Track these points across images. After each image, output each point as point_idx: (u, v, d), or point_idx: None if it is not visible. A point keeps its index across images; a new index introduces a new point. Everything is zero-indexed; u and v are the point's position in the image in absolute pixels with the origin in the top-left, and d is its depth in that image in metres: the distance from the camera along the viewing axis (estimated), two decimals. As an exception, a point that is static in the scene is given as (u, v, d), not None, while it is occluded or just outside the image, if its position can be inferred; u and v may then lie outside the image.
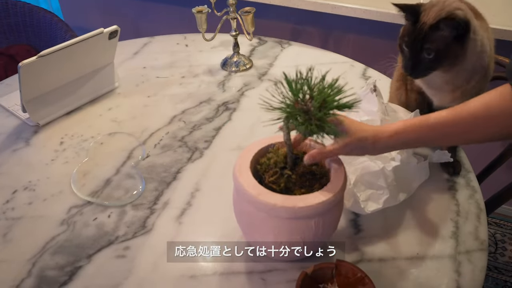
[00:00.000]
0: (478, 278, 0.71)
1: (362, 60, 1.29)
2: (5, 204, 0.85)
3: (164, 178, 0.90)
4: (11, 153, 0.98)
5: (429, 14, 0.75)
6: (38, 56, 0.96)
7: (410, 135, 0.66)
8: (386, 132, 0.66)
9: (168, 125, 1.05)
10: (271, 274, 0.71)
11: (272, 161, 0.68)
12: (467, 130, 0.66)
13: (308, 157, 0.66)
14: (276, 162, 0.68)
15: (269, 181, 0.66)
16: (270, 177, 0.66)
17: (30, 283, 0.71)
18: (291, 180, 0.66)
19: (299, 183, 0.66)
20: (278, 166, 0.67)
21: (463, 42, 0.75)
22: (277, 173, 0.67)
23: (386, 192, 0.77)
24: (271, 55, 1.34)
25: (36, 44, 1.53)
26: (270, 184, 0.65)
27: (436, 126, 0.66)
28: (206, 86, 1.20)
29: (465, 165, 0.92)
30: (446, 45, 0.75)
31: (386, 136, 0.66)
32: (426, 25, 0.75)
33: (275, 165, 0.68)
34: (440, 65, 0.78)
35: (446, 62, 0.77)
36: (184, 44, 1.40)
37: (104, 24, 1.10)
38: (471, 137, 0.69)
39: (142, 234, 0.79)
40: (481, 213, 0.82)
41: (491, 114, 0.64)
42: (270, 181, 0.66)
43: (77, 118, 1.09)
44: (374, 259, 0.74)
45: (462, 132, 0.67)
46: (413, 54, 0.78)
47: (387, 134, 0.66)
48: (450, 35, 0.75)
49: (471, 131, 0.66)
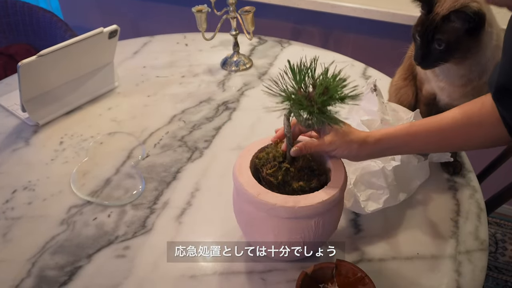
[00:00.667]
0: (479, 278, 0.71)
1: (362, 60, 1.29)
2: (5, 204, 0.85)
3: (164, 178, 0.90)
4: (11, 152, 0.98)
5: (443, 4, 0.74)
6: (37, 56, 0.96)
7: (393, 142, 0.67)
8: (372, 138, 0.67)
9: (168, 124, 1.05)
10: (271, 274, 0.71)
11: (271, 155, 0.68)
12: (448, 138, 0.67)
13: (295, 151, 0.66)
14: (275, 156, 0.68)
15: (266, 173, 0.66)
16: (268, 170, 0.66)
17: (30, 283, 0.71)
18: (289, 173, 0.66)
19: (297, 177, 0.66)
20: (276, 160, 0.67)
21: (477, 35, 0.74)
22: (275, 166, 0.66)
23: (386, 192, 0.77)
24: (271, 54, 1.34)
25: (36, 43, 1.53)
26: (268, 177, 0.66)
27: (419, 133, 0.67)
28: (206, 85, 1.20)
29: (465, 164, 0.92)
30: (457, 37, 0.74)
31: (371, 142, 0.67)
32: (438, 15, 0.74)
33: (274, 159, 0.68)
34: (451, 57, 0.76)
35: (457, 54, 0.76)
36: (184, 44, 1.40)
37: (103, 23, 1.10)
38: (453, 145, 0.70)
39: (142, 234, 0.78)
40: (482, 213, 0.82)
41: (472, 122, 0.65)
42: (268, 174, 0.66)
43: (77, 118, 1.09)
44: (374, 259, 0.74)
45: (444, 139, 0.67)
46: (424, 44, 0.77)
47: (372, 140, 0.67)
48: (462, 28, 0.73)
49: (452, 139, 0.67)
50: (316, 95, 0.60)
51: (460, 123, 0.65)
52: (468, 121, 0.65)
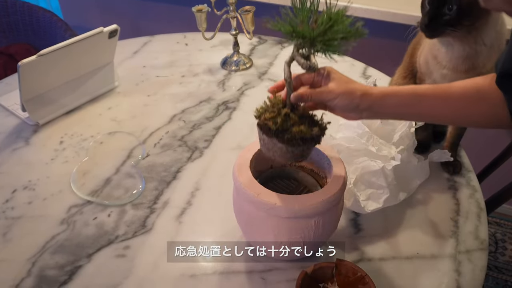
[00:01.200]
0: (478, 277, 0.71)
1: (362, 59, 1.29)
2: (5, 203, 0.85)
3: (164, 178, 0.90)
4: (11, 152, 0.98)
5: None
6: (37, 55, 0.96)
7: (398, 99, 0.65)
8: (377, 90, 0.64)
9: (168, 124, 1.05)
10: (271, 274, 0.71)
11: (270, 104, 0.63)
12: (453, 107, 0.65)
13: (295, 96, 0.62)
14: (274, 104, 0.63)
15: (265, 118, 0.61)
16: (267, 115, 0.61)
17: (30, 282, 0.71)
18: (289, 120, 0.61)
19: (297, 123, 0.61)
20: (276, 107, 0.62)
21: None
22: (275, 112, 0.61)
23: (386, 192, 0.77)
24: (271, 54, 1.34)
25: (36, 43, 1.53)
26: (266, 121, 0.61)
27: (425, 97, 0.65)
28: (206, 85, 1.20)
29: (465, 164, 0.92)
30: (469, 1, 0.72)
31: (376, 93, 0.64)
32: None
33: (273, 107, 0.63)
34: (459, 23, 0.74)
35: (466, 20, 0.74)
36: (184, 43, 1.40)
37: (103, 23, 1.09)
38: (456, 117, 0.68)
39: (142, 234, 0.78)
40: (482, 213, 0.82)
41: (479, 96, 0.64)
42: (267, 118, 0.61)
43: (77, 117, 1.09)
44: (374, 259, 0.74)
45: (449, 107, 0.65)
46: (433, 10, 0.75)
47: (376, 92, 0.64)
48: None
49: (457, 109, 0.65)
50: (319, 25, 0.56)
51: (469, 93, 0.64)
52: (476, 93, 0.64)
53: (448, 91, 0.65)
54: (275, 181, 0.75)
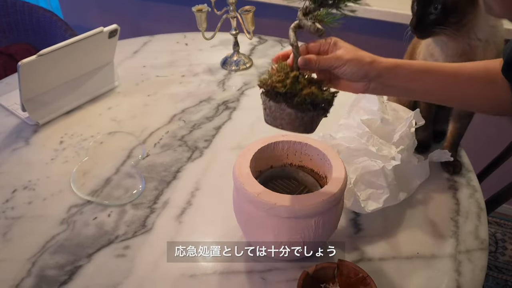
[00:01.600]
0: (479, 277, 0.71)
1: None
2: (5, 203, 0.85)
3: (164, 177, 0.90)
4: (11, 152, 0.98)
5: None
6: (37, 55, 0.96)
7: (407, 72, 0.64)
8: (386, 60, 0.64)
9: (168, 124, 1.05)
10: (271, 274, 0.71)
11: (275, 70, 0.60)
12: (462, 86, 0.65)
13: (303, 59, 0.61)
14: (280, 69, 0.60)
15: (273, 80, 0.58)
16: (275, 77, 0.58)
17: (30, 282, 0.71)
18: (298, 83, 0.58)
19: (307, 87, 0.58)
20: (283, 71, 0.59)
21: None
22: (282, 76, 0.58)
23: (386, 191, 0.77)
24: (271, 54, 1.34)
25: (36, 43, 1.53)
26: (274, 84, 0.58)
27: (435, 72, 0.65)
28: (206, 85, 1.20)
29: (465, 164, 0.92)
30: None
31: (385, 62, 0.63)
32: None
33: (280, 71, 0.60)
34: (447, 20, 0.74)
35: (452, 17, 0.74)
36: (184, 43, 1.40)
37: (103, 23, 1.09)
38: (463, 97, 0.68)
39: (142, 234, 0.78)
40: (482, 212, 0.82)
41: (488, 78, 0.64)
42: (275, 81, 0.58)
43: (77, 117, 1.09)
44: (374, 259, 0.74)
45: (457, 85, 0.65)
46: (420, 10, 0.75)
47: (386, 61, 0.63)
48: None
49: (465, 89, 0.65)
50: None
51: (479, 74, 0.64)
52: (486, 75, 0.64)
53: (459, 70, 0.65)
54: (275, 181, 0.75)
